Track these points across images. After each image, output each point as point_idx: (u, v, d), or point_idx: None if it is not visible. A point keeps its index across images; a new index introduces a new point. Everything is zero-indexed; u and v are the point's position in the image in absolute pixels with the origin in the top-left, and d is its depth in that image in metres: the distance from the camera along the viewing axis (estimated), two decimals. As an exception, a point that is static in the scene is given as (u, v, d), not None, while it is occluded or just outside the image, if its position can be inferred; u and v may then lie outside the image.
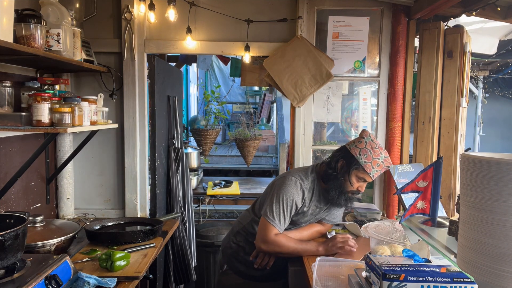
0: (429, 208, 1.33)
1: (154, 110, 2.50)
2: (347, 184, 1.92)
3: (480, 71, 6.25)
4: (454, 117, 2.50)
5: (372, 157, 1.86)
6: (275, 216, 1.87)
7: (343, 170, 1.91)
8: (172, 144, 2.80)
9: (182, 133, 3.02)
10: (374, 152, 1.88)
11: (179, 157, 2.81)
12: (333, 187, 1.94)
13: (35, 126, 1.82)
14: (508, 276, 0.72)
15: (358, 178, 1.90)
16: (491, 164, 0.75)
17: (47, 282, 1.34)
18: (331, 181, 1.94)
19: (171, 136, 2.82)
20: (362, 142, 1.90)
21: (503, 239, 0.76)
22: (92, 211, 2.63)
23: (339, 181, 1.92)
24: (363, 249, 1.88)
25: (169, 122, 2.83)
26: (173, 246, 2.69)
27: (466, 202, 0.83)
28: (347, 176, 1.90)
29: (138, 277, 1.71)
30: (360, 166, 1.87)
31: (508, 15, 2.20)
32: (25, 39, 1.69)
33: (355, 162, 1.88)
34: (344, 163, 1.91)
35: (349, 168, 1.89)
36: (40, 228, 1.88)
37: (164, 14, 2.35)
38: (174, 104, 2.87)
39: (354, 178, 1.90)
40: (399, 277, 1.19)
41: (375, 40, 2.63)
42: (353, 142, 1.94)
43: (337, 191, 1.94)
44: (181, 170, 2.84)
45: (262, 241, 1.88)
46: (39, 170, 2.36)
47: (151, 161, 2.52)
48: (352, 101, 3.58)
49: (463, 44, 2.44)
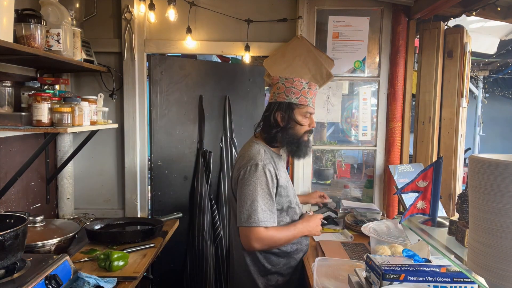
0: (429, 208, 1.33)
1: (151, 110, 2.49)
2: (297, 127, 1.82)
3: (480, 71, 6.25)
4: (454, 117, 2.50)
5: (298, 89, 1.80)
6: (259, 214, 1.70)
7: (285, 119, 1.80)
8: (201, 148, 2.68)
9: (228, 135, 2.78)
10: (295, 84, 1.80)
11: (207, 161, 2.66)
12: (288, 140, 1.83)
13: (35, 126, 1.82)
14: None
15: (303, 116, 1.82)
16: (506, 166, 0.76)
17: (47, 282, 1.34)
18: (282, 136, 1.82)
19: (199, 139, 2.69)
20: (280, 87, 1.83)
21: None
22: (92, 211, 2.63)
23: (289, 131, 1.81)
24: None
25: (199, 123, 2.70)
26: (192, 254, 2.65)
27: (477, 204, 0.84)
28: (293, 120, 1.81)
29: (136, 277, 1.70)
30: (295, 104, 1.80)
31: (508, 15, 2.20)
32: (25, 39, 1.69)
33: (289, 105, 1.80)
34: (281, 113, 1.81)
35: (289, 113, 1.80)
36: (40, 228, 1.88)
37: (164, 14, 2.35)
38: (201, 104, 2.68)
39: (300, 117, 1.81)
40: (399, 277, 1.19)
41: (375, 40, 2.63)
42: (274, 94, 1.85)
43: (294, 141, 1.83)
44: (211, 174, 2.68)
45: (255, 240, 1.70)
46: (39, 170, 2.36)
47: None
48: (352, 101, 3.59)
49: (463, 44, 2.44)
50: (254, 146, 1.84)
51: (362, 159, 5.25)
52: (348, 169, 4.25)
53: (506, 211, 0.78)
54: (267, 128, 1.85)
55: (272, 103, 1.85)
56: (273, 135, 1.83)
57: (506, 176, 0.78)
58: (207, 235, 2.64)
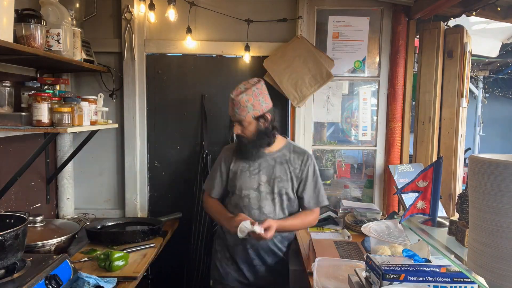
0: (429, 208, 1.33)
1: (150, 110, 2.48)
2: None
3: (480, 71, 6.25)
4: (454, 117, 2.50)
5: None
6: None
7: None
8: (202, 150, 2.62)
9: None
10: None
11: (205, 165, 2.59)
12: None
13: (35, 126, 1.82)
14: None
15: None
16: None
17: (47, 282, 1.34)
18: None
19: (200, 140, 2.64)
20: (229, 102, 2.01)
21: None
22: (92, 211, 2.63)
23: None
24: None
25: (201, 124, 2.63)
26: (188, 264, 2.61)
27: (477, 204, 0.84)
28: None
29: (136, 277, 1.70)
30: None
31: (508, 15, 2.20)
32: (25, 39, 1.69)
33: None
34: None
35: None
36: (40, 228, 1.89)
37: (164, 14, 2.35)
38: (202, 103, 2.63)
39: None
40: (399, 277, 1.19)
41: (375, 40, 2.63)
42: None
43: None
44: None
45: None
46: (39, 170, 2.36)
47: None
48: (352, 101, 3.58)
49: (463, 44, 2.44)
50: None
51: (362, 159, 5.24)
52: (348, 169, 4.24)
53: (506, 211, 0.78)
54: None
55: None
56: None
57: (506, 176, 0.78)
58: (201, 245, 2.56)
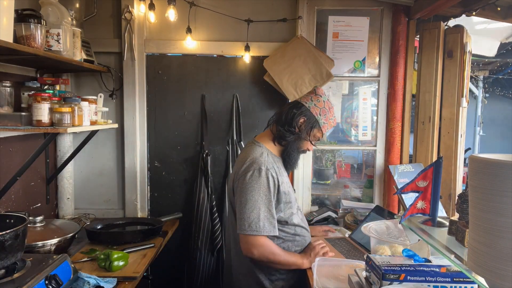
0: (429, 208, 1.33)
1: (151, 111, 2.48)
2: (305, 143, 1.82)
3: (480, 71, 6.24)
4: (454, 117, 2.50)
5: (329, 117, 1.82)
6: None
7: (302, 128, 1.78)
8: (202, 150, 2.61)
9: (235, 138, 2.66)
10: (330, 112, 1.82)
11: (205, 165, 2.58)
12: (292, 148, 1.81)
13: (35, 126, 1.82)
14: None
15: (314, 137, 1.83)
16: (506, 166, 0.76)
17: (47, 282, 1.34)
18: (293, 141, 1.80)
19: (201, 141, 2.63)
20: (320, 101, 1.81)
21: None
22: (92, 211, 2.63)
23: (298, 141, 1.81)
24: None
25: (201, 124, 2.63)
26: (188, 263, 2.60)
27: (477, 204, 0.84)
28: (307, 135, 1.79)
29: (136, 277, 1.71)
30: (319, 125, 1.80)
31: (508, 15, 2.20)
32: (25, 39, 1.69)
33: (316, 122, 1.79)
34: (305, 121, 1.79)
35: (310, 127, 1.78)
36: (40, 228, 1.88)
37: (164, 14, 2.35)
38: (203, 104, 2.63)
39: (312, 137, 1.81)
40: (399, 277, 1.19)
41: (375, 40, 2.63)
42: (310, 101, 1.82)
43: (295, 151, 1.82)
44: (211, 179, 2.60)
45: (255, 248, 1.67)
46: (39, 170, 2.36)
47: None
48: (352, 101, 3.57)
49: (463, 44, 2.44)
50: (257, 149, 1.78)
51: (362, 159, 5.25)
52: (348, 169, 4.24)
53: (506, 211, 0.78)
54: (284, 124, 1.79)
55: (304, 107, 1.80)
56: (287, 134, 1.78)
57: (506, 176, 0.78)
58: (202, 245, 2.54)
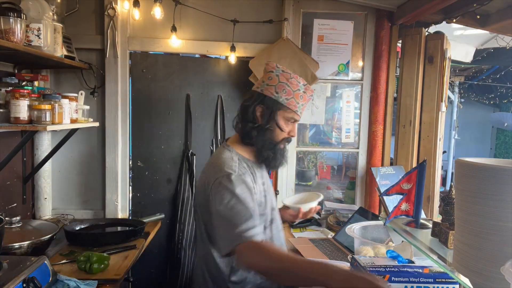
0: (412, 210, 1.36)
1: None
2: (276, 132, 1.51)
3: (456, 76, 6.43)
4: (433, 121, 2.56)
5: (291, 89, 1.48)
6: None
7: (265, 117, 1.49)
8: (187, 150, 2.61)
9: (219, 138, 2.68)
10: (290, 82, 1.48)
11: (191, 164, 2.59)
12: (262, 143, 1.51)
13: (13, 124, 1.76)
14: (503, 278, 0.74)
15: (286, 120, 1.51)
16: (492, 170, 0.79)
17: (25, 285, 1.29)
18: (258, 135, 1.50)
19: (185, 141, 2.62)
20: (272, 78, 1.49)
21: (504, 244, 0.79)
22: (71, 212, 2.56)
23: (266, 132, 1.50)
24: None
25: (185, 124, 2.63)
26: (171, 262, 2.57)
27: (463, 207, 0.86)
28: (274, 122, 1.49)
29: (117, 279, 1.67)
30: (282, 105, 1.48)
31: (487, 23, 2.28)
32: (4, 33, 1.63)
33: (275, 103, 1.48)
34: (263, 109, 1.49)
35: (272, 112, 1.48)
36: (16, 229, 1.82)
37: (149, 11, 2.32)
38: (188, 103, 2.61)
39: (282, 121, 1.50)
40: (383, 277, 1.21)
41: (359, 44, 2.67)
42: (262, 84, 1.52)
43: (269, 147, 1.52)
44: (196, 179, 2.59)
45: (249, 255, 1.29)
46: (15, 169, 2.28)
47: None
48: (333, 104, 3.62)
49: (443, 50, 2.51)
50: (226, 153, 1.51)
51: (342, 160, 5.32)
52: (329, 170, 4.30)
53: (491, 214, 0.80)
54: (243, 122, 1.54)
55: (257, 93, 1.52)
56: (248, 130, 1.51)
57: (492, 179, 0.80)
58: (186, 244, 2.54)
